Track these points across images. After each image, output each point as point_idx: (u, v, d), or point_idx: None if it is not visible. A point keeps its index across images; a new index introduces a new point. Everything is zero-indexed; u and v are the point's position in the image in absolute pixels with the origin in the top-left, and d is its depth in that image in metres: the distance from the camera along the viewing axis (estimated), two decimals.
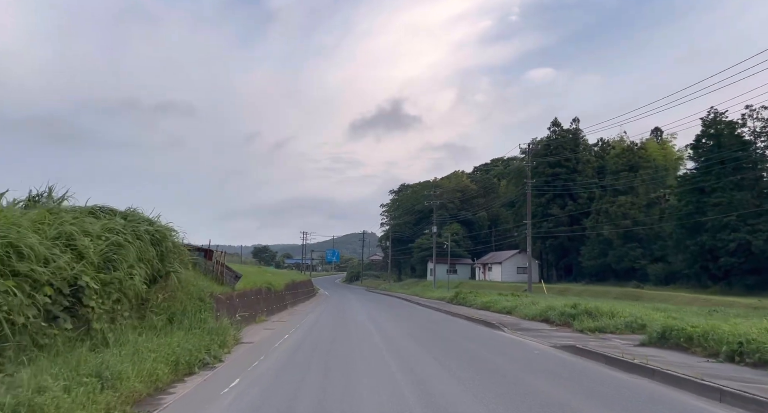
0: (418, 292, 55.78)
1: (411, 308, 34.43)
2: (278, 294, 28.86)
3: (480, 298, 31.49)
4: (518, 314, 22.99)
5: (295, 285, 39.35)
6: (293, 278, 39.34)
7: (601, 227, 52.89)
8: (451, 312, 28.32)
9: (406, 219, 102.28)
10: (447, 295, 41.87)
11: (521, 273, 64.73)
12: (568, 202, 60.29)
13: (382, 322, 22.02)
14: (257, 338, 15.42)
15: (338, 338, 15.71)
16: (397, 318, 24.81)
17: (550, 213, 60.61)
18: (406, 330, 18.55)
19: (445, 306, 32.66)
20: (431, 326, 20.85)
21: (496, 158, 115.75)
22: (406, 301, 44.39)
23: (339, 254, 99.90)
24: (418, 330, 19.06)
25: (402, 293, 62.45)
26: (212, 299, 14.77)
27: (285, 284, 32.30)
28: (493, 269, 67.79)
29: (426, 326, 20.79)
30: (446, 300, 37.92)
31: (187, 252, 14.60)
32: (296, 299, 37.36)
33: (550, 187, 61.77)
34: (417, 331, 18.43)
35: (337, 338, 15.71)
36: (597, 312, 18.00)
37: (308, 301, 42.68)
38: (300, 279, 48.00)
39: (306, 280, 55.28)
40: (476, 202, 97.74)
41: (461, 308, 30.60)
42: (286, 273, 43.73)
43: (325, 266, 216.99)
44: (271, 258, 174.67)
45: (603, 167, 60.89)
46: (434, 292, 50.98)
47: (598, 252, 53.60)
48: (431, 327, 20.07)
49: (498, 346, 14.36)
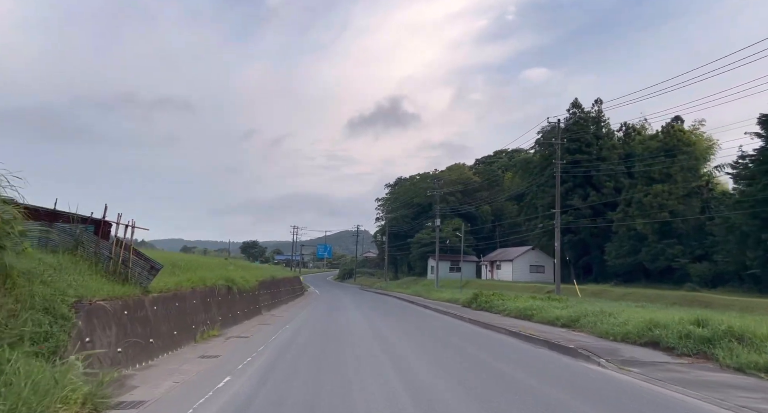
0: (420, 292, 48.62)
1: (420, 314, 27.30)
2: (247, 296, 21.62)
3: (511, 303, 24.41)
4: (588, 329, 15.89)
5: (275, 282, 32.17)
6: (273, 274, 32.10)
7: (632, 220, 45.90)
8: (478, 321, 21.19)
9: (404, 213, 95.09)
10: (459, 297, 34.75)
11: (535, 272, 57.78)
12: (591, 193, 53.28)
13: (393, 340, 14.85)
14: (164, 386, 8.15)
15: (324, 379, 8.50)
16: (408, 333, 17.64)
17: (570, 205, 53.59)
18: (432, 359, 11.37)
19: (463, 312, 25.56)
20: (470, 350, 13.62)
21: (500, 150, 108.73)
22: (409, 304, 37.29)
23: (331, 249, 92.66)
24: (452, 358, 11.86)
25: (401, 293, 55.32)
26: (77, 311, 7.59)
27: (259, 281, 25.07)
28: (502, 267, 60.78)
29: (463, 351, 13.55)
30: (460, 303, 30.81)
31: (21, 220, 7.38)
32: (276, 300, 30.14)
33: (570, 175, 54.75)
34: (451, 362, 11.24)
35: (322, 379, 8.51)
36: (752, 336, 10.90)
37: (293, 303, 35.48)
38: (283, 276, 40.79)
39: (292, 277, 48.02)
40: (479, 195, 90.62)
41: (488, 315, 23.50)
42: (265, 269, 36.52)
43: (316, 263, 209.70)
44: (260, 254, 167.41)
45: (630, 154, 53.94)
46: (441, 293, 43.82)
47: (627, 249, 46.61)
48: (473, 355, 12.82)
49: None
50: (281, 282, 35.15)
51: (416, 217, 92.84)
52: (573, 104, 56.85)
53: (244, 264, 33.51)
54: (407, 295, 49.52)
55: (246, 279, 21.21)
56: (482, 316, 22.94)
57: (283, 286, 37.20)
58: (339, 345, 13.44)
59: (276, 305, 29.91)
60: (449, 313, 25.66)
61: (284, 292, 35.74)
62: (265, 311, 24.83)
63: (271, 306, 27.73)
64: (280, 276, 36.80)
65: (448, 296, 39.23)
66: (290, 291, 40.06)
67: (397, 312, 27.82)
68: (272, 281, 31.12)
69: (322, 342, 14.05)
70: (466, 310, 26.88)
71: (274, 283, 31.97)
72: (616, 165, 53.32)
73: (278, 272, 41.46)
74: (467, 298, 30.07)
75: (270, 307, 27.13)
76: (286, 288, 38.19)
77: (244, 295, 21.01)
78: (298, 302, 36.96)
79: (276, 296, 30.91)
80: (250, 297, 22.15)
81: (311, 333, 16.67)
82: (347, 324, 20.10)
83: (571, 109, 57.15)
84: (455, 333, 17.59)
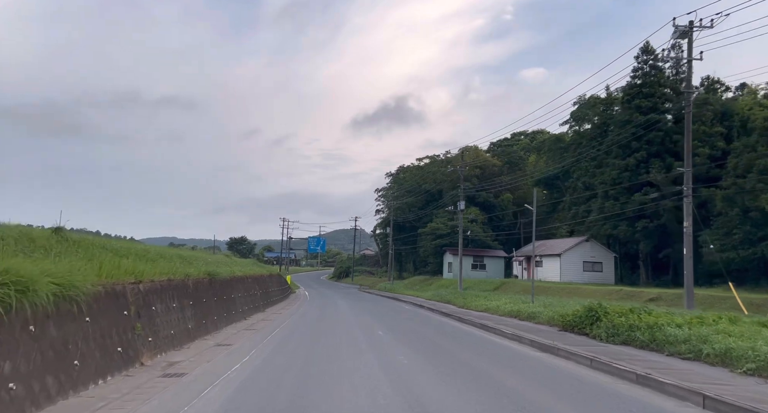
0: (447, 298, 34.91)
1: (499, 354, 13.62)
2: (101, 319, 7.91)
3: (698, 331, 10.83)
4: None
5: (228, 282, 18.51)
6: (217, 269, 18.10)
7: (751, 197, 32.36)
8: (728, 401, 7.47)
9: (410, 201, 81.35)
10: (531, 309, 21.04)
11: (590, 269, 44.22)
12: (673, 164, 39.80)
13: None
14: None
15: None
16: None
17: (643, 181, 40.14)
18: None
19: (596, 352, 12.01)
20: None
21: (518, 132, 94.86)
22: (444, 318, 23.75)
23: (325, 244, 79.01)
24: None
25: (415, 297, 41.76)
26: None
27: (167, 277, 11.45)
28: (544, 264, 47.16)
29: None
30: (556, 324, 17.11)
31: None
32: (228, 313, 16.46)
33: (643, 141, 41.27)
34: None
35: None
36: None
37: (261, 315, 21.89)
38: (254, 273, 27.12)
39: (269, 275, 34.34)
40: (498, 181, 76.53)
41: (678, 365, 9.96)
42: (217, 261, 22.73)
43: (310, 260, 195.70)
44: (249, 251, 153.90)
45: (725, 113, 40.49)
46: (477, 299, 30.02)
47: (741, 237, 33.14)
48: None
49: None
50: (239, 281, 21.38)
51: (425, 206, 79.18)
52: (643, 50, 43.23)
53: (183, 254, 19.76)
54: (427, 301, 35.85)
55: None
56: (685, 371, 9.36)
57: (253, 289, 23.48)
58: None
59: (227, 322, 16.27)
60: (573, 356, 11.93)
61: (248, 299, 22.04)
62: (201, 338, 11.20)
63: (222, 322, 14.11)
64: (241, 273, 23.00)
65: (495, 305, 25.51)
66: (262, 296, 26.34)
67: (451, 348, 14.17)
68: (220, 281, 17.40)
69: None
70: (595, 347, 13.22)
71: (226, 284, 18.29)
72: (710, 127, 39.80)
73: (247, 268, 27.63)
74: (568, 316, 16.37)
75: (218, 327, 13.46)
76: (254, 293, 24.50)
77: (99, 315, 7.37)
78: (272, 314, 23.33)
79: (226, 306, 17.26)
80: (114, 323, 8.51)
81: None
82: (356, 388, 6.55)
83: (641, 56, 43.56)
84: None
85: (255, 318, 20.86)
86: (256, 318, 20.87)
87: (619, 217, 40.96)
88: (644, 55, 43.19)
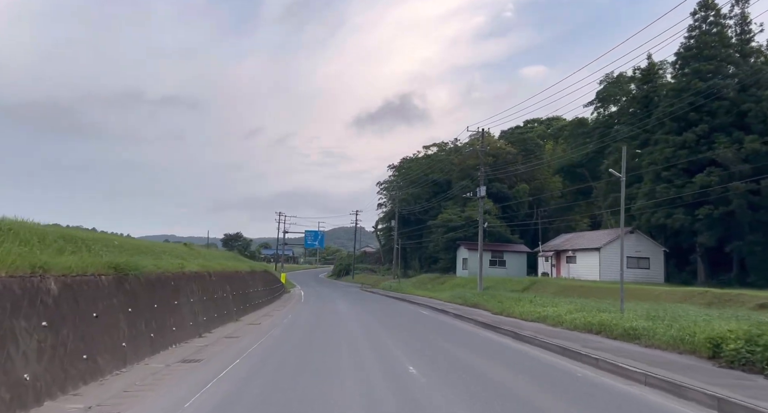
0: (472, 300, 28.03)
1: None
2: None
3: None
4: None
5: (164, 281, 11.71)
6: (140, 261, 11.23)
7: None
8: None
9: (416, 192, 74.48)
10: (648, 327, 14.18)
11: (635, 266, 37.22)
12: (743, 138, 32.95)
13: None
14: None
15: None
16: None
17: (705, 160, 33.29)
18: None
19: None
20: None
21: (531, 119, 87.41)
22: (498, 335, 16.94)
23: (323, 238, 72.12)
24: None
25: (428, 298, 34.98)
26: None
27: None
28: (578, 260, 40.25)
29: None
30: (703, 353, 10.33)
31: None
32: (162, 331, 9.61)
33: (704, 111, 34.45)
34: None
35: None
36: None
37: (230, 327, 15.06)
38: (224, 269, 20.31)
39: (250, 272, 27.59)
40: (513, 170, 69.21)
41: None
42: (171, 251, 15.95)
43: (308, 258, 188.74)
44: (245, 248, 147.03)
45: None
46: (521, 305, 23.10)
47: None
48: None
49: None
50: (187, 283, 14.47)
51: (431, 198, 72.28)
52: (702, 4, 36.27)
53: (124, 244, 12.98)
54: (447, 304, 29.06)
55: None
56: None
57: (205, 293, 16.64)
58: None
59: (123, 361, 9.40)
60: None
61: (205, 306, 15.20)
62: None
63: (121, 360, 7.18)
64: (195, 269, 16.11)
65: (553, 313, 18.66)
66: (231, 302, 19.49)
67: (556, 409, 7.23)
68: (114, 284, 10.61)
69: None
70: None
71: (131, 289, 11.52)
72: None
73: (214, 261, 20.74)
74: (731, 340, 9.57)
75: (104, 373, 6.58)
76: (222, 297, 17.67)
77: None
78: (240, 330, 16.49)
79: (152, 324, 10.49)
80: None
81: None
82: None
83: (699, 13, 36.59)
84: None
85: (214, 336, 14.03)
86: (215, 336, 14.04)
87: (674, 204, 34.11)
88: (703, 11, 36.25)
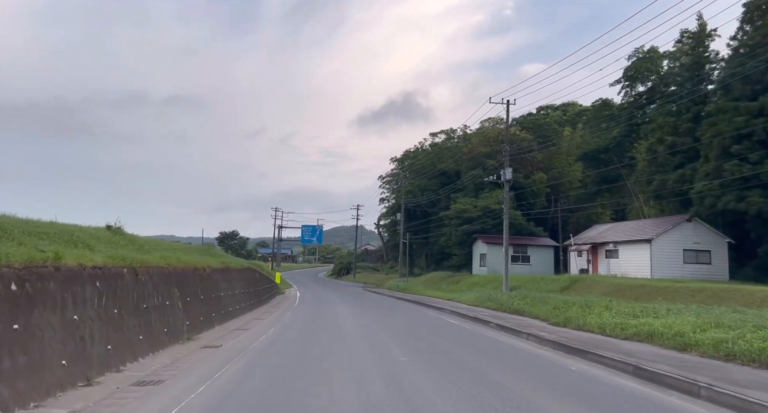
0: (511, 305, 22.05)
1: None
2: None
3: None
4: None
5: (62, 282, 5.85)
6: None
7: None
8: None
9: (422, 183, 68.47)
10: None
11: (692, 260, 31.28)
12: None
13: None
14: None
15: None
16: None
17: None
18: None
19: None
20: None
21: (546, 105, 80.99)
22: (604, 371, 10.98)
23: (322, 233, 66.07)
24: None
25: (445, 300, 29.10)
26: None
27: None
28: (621, 254, 34.24)
29: None
30: None
31: None
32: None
33: (761, 85, 28.45)
34: None
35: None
36: None
37: (185, 347, 9.01)
38: (183, 264, 14.36)
39: (224, 269, 21.71)
40: (529, 158, 62.90)
41: None
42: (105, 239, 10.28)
43: (307, 257, 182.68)
44: (241, 246, 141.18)
45: None
46: (608, 314, 17.03)
47: None
48: None
49: None
50: (132, 280, 8.54)
51: (439, 190, 66.27)
52: None
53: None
54: (478, 310, 23.10)
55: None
56: None
57: (174, 296, 10.74)
58: None
59: None
60: None
61: (174, 312, 9.31)
62: None
63: None
64: (158, 262, 10.18)
65: (660, 328, 12.71)
66: (198, 309, 13.56)
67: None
68: None
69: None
70: None
71: None
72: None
73: (174, 254, 14.80)
74: None
75: None
76: (174, 303, 11.72)
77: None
78: (197, 355, 10.46)
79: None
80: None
81: None
82: None
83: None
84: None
85: (112, 381, 8.08)
86: (114, 381, 8.08)
87: (748, 184, 28.14)
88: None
